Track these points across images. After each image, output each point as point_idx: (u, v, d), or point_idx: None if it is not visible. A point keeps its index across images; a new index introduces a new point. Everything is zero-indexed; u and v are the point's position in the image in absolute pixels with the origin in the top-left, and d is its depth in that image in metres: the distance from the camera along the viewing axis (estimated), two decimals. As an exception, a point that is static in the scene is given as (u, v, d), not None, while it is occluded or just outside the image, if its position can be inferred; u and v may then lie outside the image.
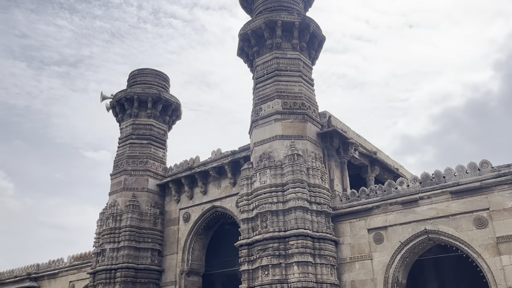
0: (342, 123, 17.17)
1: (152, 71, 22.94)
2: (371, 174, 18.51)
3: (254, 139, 16.07)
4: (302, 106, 15.86)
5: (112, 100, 22.45)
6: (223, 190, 18.87)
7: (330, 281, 13.33)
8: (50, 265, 24.48)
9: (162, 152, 21.86)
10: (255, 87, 17.05)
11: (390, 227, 13.53)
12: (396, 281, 13.19)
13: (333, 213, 14.56)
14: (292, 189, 13.97)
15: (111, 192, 20.64)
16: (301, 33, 17.10)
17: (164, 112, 22.33)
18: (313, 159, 14.97)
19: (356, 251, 13.97)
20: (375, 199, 14.06)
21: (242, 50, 18.10)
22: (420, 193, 13.17)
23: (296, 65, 16.74)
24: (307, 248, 13.27)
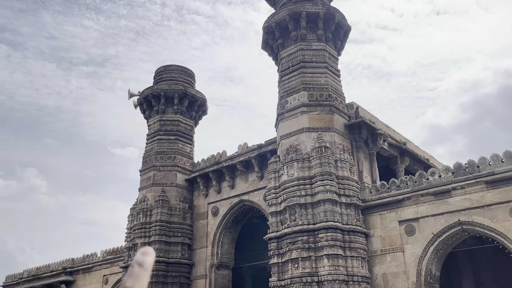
0: (370, 114, 16.88)
1: (177, 67, 23.13)
2: (401, 165, 18.16)
3: (280, 132, 16.00)
4: (328, 97, 15.67)
5: (140, 97, 22.77)
6: (251, 184, 18.90)
7: (361, 274, 13.19)
8: (84, 259, 25.16)
9: (189, 147, 22.06)
10: (280, 80, 16.95)
11: (422, 219, 13.26)
12: (429, 273, 12.93)
13: (363, 205, 14.37)
14: (320, 182, 13.86)
15: (141, 187, 21.00)
16: (326, 24, 16.86)
17: (190, 108, 22.50)
18: (341, 151, 14.79)
19: (387, 243, 13.75)
20: (405, 190, 13.79)
21: (266, 43, 18.00)
22: (453, 184, 12.84)
23: (322, 56, 16.53)
24: (337, 241, 13.16)
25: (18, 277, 28.08)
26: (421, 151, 19.91)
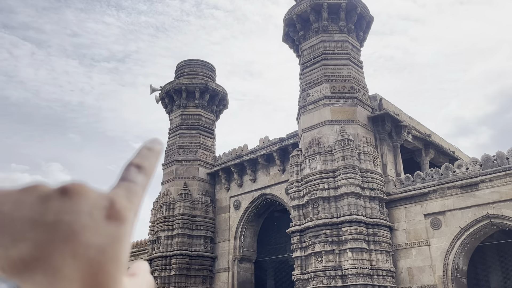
0: (394, 106, 16.59)
1: (198, 62, 23.18)
2: (426, 158, 17.82)
3: (302, 125, 15.87)
4: (351, 89, 15.45)
5: (161, 92, 22.93)
6: (272, 178, 18.85)
7: (385, 268, 13.02)
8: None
9: (210, 141, 22.14)
10: (301, 72, 16.80)
11: (449, 212, 12.99)
12: (456, 267, 12.68)
13: (387, 199, 14.16)
14: (344, 175, 13.71)
15: (164, 181, 21.20)
16: (348, 15, 16.60)
17: (211, 102, 22.55)
18: (364, 143, 14.59)
19: (412, 237, 13.53)
20: (431, 183, 13.52)
21: (287, 35, 17.84)
22: (481, 176, 12.52)
23: (344, 48, 16.29)
24: (360, 234, 13.02)
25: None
26: (446, 143, 19.49)
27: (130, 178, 0.44)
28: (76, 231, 0.38)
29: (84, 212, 0.39)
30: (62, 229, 0.38)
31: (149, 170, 0.46)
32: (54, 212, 0.39)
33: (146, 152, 0.48)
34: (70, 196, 0.40)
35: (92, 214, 0.39)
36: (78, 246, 0.38)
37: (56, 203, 0.39)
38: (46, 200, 0.39)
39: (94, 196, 0.40)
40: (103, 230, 0.39)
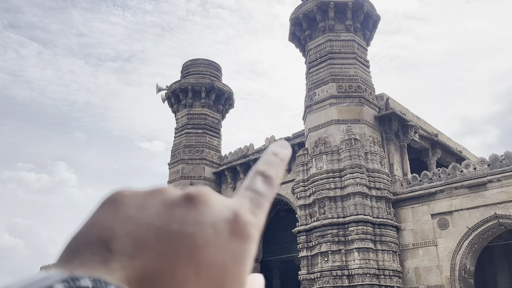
0: (401, 105, 16.52)
1: (204, 61, 23.21)
2: (433, 158, 17.73)
3: (308, 124, 15.85)
4: (358, 89, 15.40)
5: (167, 91, 22.99)
6: (278, 177, 18.83)
7: (392, 268, 12.98)
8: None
9: (216, 140, 22.17)
10: (308, 71, 16.77)
11: (456, 212, 12.92)
12: (463, 268, 12.61)
13: (394, 198, 14.11)
14: (350, 175, 13.68)
15: (170, 180, 21.25)
16: (354, 14, 16.55)
17: (217, 101, 22.57)
18: (371, 143, 14.55)
19: (419, 237, 13.47)
20: (438, 183, 13.45)
21: (293, 35, 17.82)
22: (489, 176, 12.44)
23: (351, 47, 16.25)
24: (367, 234, 12.98)
25: (52, 267, 28.98)
26: (453, 143, 19.39)
27: (255, 188, 0.41)
28: (199, 245, 0.35)
29: (208, 224, 0.36)
30: (186, 241, 0.35)
31: (275, 180, 0.42)
32: (178, 221, 0.35)
33: (272, 159, 0.44)
34: (195, 204, 0.37)
35: (216, 227, 0.36)
36: (202, 263, 0.34)
37: (180, 211, 0.36)
38: (171, 206, 0.37)
39: (218, 206, 0.38)
40: (227, 247, 0.36)
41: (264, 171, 0.42)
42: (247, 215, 0.38)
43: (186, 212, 0.36)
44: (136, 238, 0.34)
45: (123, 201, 0.37)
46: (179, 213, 0.36)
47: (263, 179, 0.41)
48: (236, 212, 0.37)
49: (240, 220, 0.37)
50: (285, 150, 0.45)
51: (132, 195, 0.38)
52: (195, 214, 0.36)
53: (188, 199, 0.37)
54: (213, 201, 0.38)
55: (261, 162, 0.44)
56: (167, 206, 0.37)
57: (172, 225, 0.35)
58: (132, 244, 0.34)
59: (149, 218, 0.36)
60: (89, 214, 0.37)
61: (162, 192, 0.38)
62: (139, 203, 0.37)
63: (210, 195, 0.38)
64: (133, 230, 0.35)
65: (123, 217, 0.35)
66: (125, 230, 0.35)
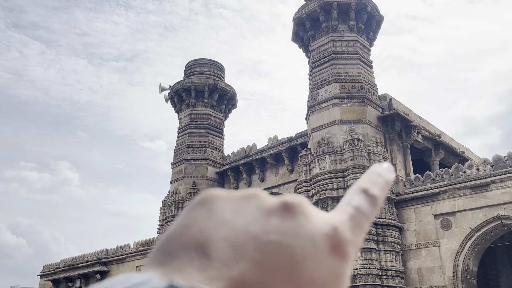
0: (404, 106, 16.52)
1: (207, 61, 23.25)
2: (435, 158, 17.72)
3: (311, 124, 15.87)
4: (361, 89, 15.42)
5: (170, 91, 23.04)
6: (281, 177, 18.86)
7: (395, 268, 12.99)
8: (118, 250, 25.77)
9: (219, 140, 22.20)
10: (311, 72, 16.79)
11: (459, 213, 12.91)
12: (466, 269, 12.60)
13: (397, 199, 14.12)
14: (353, 175, 13.69)
15: (172, 180, 21.30)
16: (358, 14, 16.56)
17: (220, 101, 22.61)
18: (374, 143, 14.56)
19: (422, 237, 13.47)
20: (441, 183, 13.45)
21: (297, 35, 17.84)
22: (492, 177, 12.44)
23: (354, 47, 16.26)
24: (370, 235, 12.99)
25: (55, 266, 29.05)
26: (456, 144, 19.37)
27: (357, 206, 0.37)
28: (299, 259, 0.32)
29: (307, 237, 0.33)
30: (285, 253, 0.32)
31: (378, 199, 0.39)
32: (277, 231, 0.33)
33: (377, 178, 0.40)
34: (294, 214, 0.34)
35: (315, 241, 0.34)
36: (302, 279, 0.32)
37: (278, 220, 0.34)
38: (268, 214, 0.34)
39: (316, 219, 0.35)
40: (326, 264, 0.33)
41: (368, 189, 0.39)
42: (347, 233, 0.35)
43: (284, 222, 0.34)
44: (233, 244, 0.32)
45: (217, 204, 0.35)
46: (277, 222, 0.34)
47: (366, 197, 0.39)
48: (336, 228, 0.35)
49: (340, 237, 0.35)
50: (390, 173, 0.42)
51: (227, 198, 0.36)
52: (294, 225, 0.34)
53: (286, 208, 0.35)
54: (311, 213, 0.36)
55: (364, 179, 0.41)
56: (264, 213, 0.34)
57: (270, 235, 0.33)
58: (229, 251, 0.32)
59: (246, 224, 0.34)
60: (182, 214, 0.36)
61: (257, 197, 0.36)
62: (235, 207, 0.35)
63: (307, 205, 0.36)
64: (230, 236, 0.33)
65: (219, 220, 0.34)
66: (222, 235, 0.33)
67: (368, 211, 0.38)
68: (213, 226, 0.33)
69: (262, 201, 0.36)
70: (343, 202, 0.39)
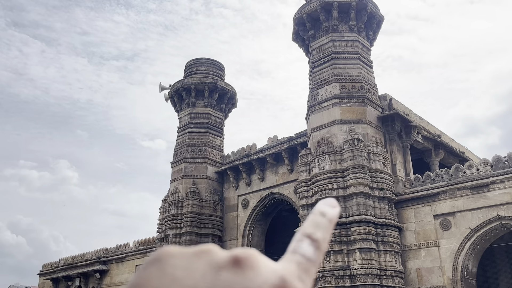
0: (404, 106, 16.52)
1: (207, 61, 23.24)
2: (435, 159, 17.72)
3: (311, 124, 15.87)
4: (361, 89, 15.41)
5: (170, 91, 23.03)
6: (281, 177, 18.86)
7: (394, 268, 12.99)
8: (117, 249, 25.78)
9: (219, 140, 22.20)
10: (311, 71, 16.79)
11: (459, 213, 12.92)
12: (466, 269, 12.61)
13: (396, 199, 14.12)
14: (353, 175, 13.69)
15: (172, 179, 21.30)
16: (358, 14, 16.56)
17: (220, 101, 22.61)
18: (374, 143, 14.56)
19: (422, 237, 13.48)
20: (441, 184, 13.45)
21: (297, 34, 17.83)
22: (491, 177, 12.44)
23: (354, 47, 16.26)
24: (369, 235, 12.99)
25: (54, 265, 29.06)
26: (456, 144, 19.37)
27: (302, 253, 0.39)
28: None
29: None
30: None
31: (322, 243, 0.41)
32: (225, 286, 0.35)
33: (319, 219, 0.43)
34: (242, 268, 0.36)
35: None
36: None
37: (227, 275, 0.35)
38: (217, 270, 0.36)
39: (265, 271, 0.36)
40: None
41: (311, 234, 0.41)
42: (295, 282, 0.37)
43: (233, 276, 0.35)
44: None
45: (169, 262, 0.37)
46: (226, 278, 0.35)
47: (311, 242, 0.41)
48: (284, 279, 0.36)
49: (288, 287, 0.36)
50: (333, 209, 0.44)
51: (179, 255, 0.38)
52: (242, 279, 0.35)
53: (235, 263, 0.36)
54: (260, 265, 0.37)
55: (308, 223, 0.43)
56: (214, 269, 0.36)
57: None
58: None
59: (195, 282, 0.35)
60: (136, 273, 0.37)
61: (208, 253, 0.38)
62: (186, 264, 0.37)
63: (257, 258, 0.38)
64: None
65: (169, 279, 0.35)
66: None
67: (313, 257, 0.40)
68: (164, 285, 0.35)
69: (213, 257, 0.37)
70: (289, 250, 0.41)
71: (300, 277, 0.38)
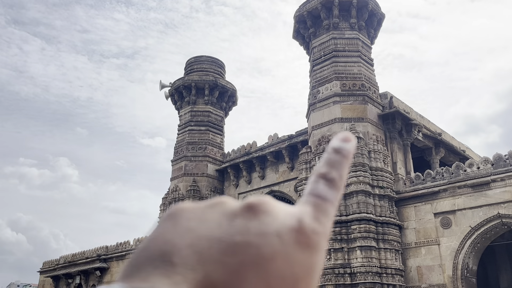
0: (405, 104, 16.50)
1: (208, 58, 23.22)
2: (436, 157, 17.71)
3: (312, 122, 15.85)
4: (361, 87, 15.39)
5: (171, 88, 23.01)
6: (281, 175, 18.86)
7: (394, 266, 12.99)
8: (118, 247, 25.79)
9: (219, 138, 22.20)
10: (311, 69, 16.76)
11: (459, 211, 12.91)
12: (466, 267, 12.61)
13: (397, 197, 14.11)
14: (353, 173, 13.68)
15: (173, 177, 21.30)
16: (359, 12, 16.52)
17: (220, 99, 22.59)
18: (374, 141, 14.54)
19: (422, 236, 13.47)
20: (442, 182, 13.44)
21: (297, 32, 17.80)
22: (492, 176, 12.43)
23: (355, 45, 16.23)
24: (370, 233, 12.99)
25: (55, 263, 29.08)
26: (456, 142, 19.36)
27: (318, 193, 0.38)
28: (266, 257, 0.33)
29: (272, 234, 0.34)
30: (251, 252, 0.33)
31: (339, 181, 0.40)
32: (241, 232, 0.34)
33: (334, 157, 0.41)
34: (257, 214, 0.35)
35: (281, 237, 0.34)
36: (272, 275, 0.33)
37: (242, 221, 0.35)
38: (232, 217, 0.36)
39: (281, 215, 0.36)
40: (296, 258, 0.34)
41: (326, 173, 0.40)
42: (313, 223, 0.36)
43: (248, 222, 0.35)
44: (198, 250, 0.34)
45: (183, 215, 0.37)
46: (241, 224, 0.35)
47: (326, 182, 0.39)
48: (301, 220, 0.36)
49: (305, 228, 0.35)
50: (348, 144, 0.42)
51: (193, 209, 0.38)
52: (258, 223, 0.35)
53: (249, 209, 0.36)
54: (275, 210, 0.36)
55: (322, 162, 0.41)
56: (228, 217, 0.36)
57: (235, 236, 0.34)
58: (194, 256, 0.33)
59: (211, 230, 0.35)
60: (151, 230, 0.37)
61: (222, 204, 0.38)
62: (200, 216, 0.37)
63: (272, 203, 0.37)
64: (195, 242, 0.34)
65: (184, 230, 0.35)
66: (187, 242, 0.34)
67: (330, 196, 0.38)
68: (178, 236, 0.35)
69: (226, 207, 0.37)
70: (305, 192, 0.39)
71: (318, 218, 0.37)
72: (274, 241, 0.34)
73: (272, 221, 0.35)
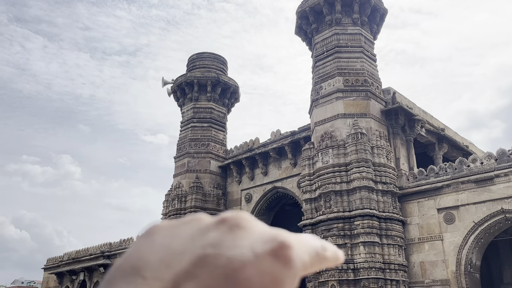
0: (408, 99, 16.45)
1: (210, 55, 23.18)
2: (439, 152, 17.67)
3: (314, 118, 15.83)
4: (364, 82, 15.35)
5: (173, 85, 23.00)
6: (284, 171, 18.86)
7: (398, 262, 13.00)
8: (121, 244, 25.87)
9: (222, 134, 22.19)
10: (314, 65, 16.72)
11: (462, 207, 12.89)
12: (469, 262, 12.60)
13: (400, 193, 14.10)
14: (356, 169, 13.67)
15: (175, 174, 21.32)
16: (361, 7, 16.46)
17: (223, 95, 22.57)
18: (377, 137, 14.52)
19: (425, 231, 13.47)
20: (445, 177, 13.42)
21: (300, 28, 17.75)
22: (496, 171, 12.40)
23: (357, 41, 16.17)
24: (373, 228, 12.99)
25: (59, 260, 29.21)
26: (460, 138, 19.31)
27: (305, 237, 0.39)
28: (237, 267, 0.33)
29: (246, 246, 0.35)
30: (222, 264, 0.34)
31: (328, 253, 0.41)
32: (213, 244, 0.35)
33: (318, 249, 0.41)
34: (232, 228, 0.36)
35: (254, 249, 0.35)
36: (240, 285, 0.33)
37: (216, 235, 0.36)
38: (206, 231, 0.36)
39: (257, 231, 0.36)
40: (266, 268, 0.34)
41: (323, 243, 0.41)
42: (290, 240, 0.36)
43: (222, 235, 0.36)
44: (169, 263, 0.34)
45: (159, 232, 0.38)
46: (214, 237, 0.36)
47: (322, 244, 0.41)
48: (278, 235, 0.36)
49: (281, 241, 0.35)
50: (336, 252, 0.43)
51: (168, 226, 0.39)
52: (232, 237, 0.35)
53: (224, 223, 0.37)
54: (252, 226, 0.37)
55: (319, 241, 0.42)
56: (202, 232, 0.37)
57: (207, 248, 0.35)
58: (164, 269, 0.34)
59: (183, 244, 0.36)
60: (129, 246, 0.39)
61: (198, 220, 0.38)
62: (175, 232, 0.37)
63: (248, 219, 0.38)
64: (166, 257, 0.35)
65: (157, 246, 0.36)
66: (159, 257, 0.35)
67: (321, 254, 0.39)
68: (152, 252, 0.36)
69: (202, 222, 0.38)
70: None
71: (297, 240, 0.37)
72: (246, 253, 0.34)
73: (246, 236, 0.36)
